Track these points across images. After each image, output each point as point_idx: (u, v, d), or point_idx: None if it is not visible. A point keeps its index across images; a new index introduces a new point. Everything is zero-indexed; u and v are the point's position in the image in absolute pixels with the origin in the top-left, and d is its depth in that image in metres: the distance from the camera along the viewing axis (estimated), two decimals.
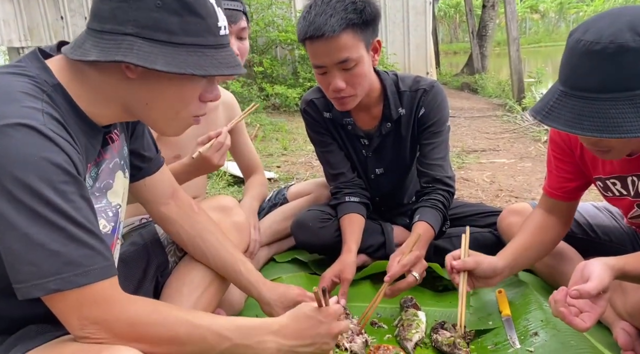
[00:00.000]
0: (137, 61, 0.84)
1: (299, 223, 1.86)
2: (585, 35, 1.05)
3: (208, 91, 0.98)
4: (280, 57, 6.48)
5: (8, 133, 0.78)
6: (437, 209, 1.70)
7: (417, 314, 1.50)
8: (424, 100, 1.76)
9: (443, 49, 20.81)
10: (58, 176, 0.80)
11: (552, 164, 1.50)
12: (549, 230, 1.52)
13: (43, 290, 0.79)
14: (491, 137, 4.89)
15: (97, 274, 0.83)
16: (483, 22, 10.31)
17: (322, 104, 1.85)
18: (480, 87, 8.69)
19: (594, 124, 1.03)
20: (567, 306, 1.10)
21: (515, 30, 6.95)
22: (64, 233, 0.80)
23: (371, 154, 1.87)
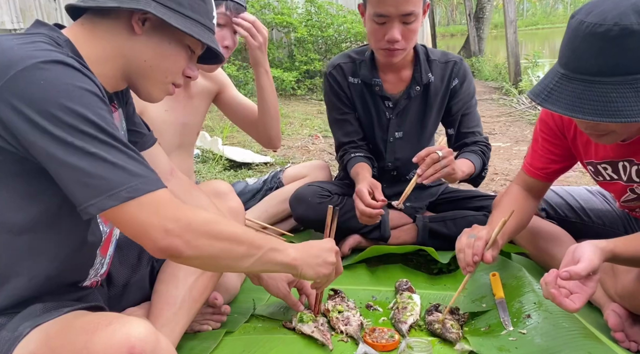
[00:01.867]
0: (157, 13, 0.98)
1: (298, 197, 1.89)
2: (589, 17, 1.03)
3: (190, 67, 1.11)
4: (276, 40, 6.41)
5: (46, 68, 0.84)
6: (478, 154, 1.84)
7: (412, 297, 1.52)
8: (456, 71, 1.87)
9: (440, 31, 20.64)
10: (98, 104, 0.88)
11: (539, 144, 1.50)
12: (526, 208, 1.55)
13: (117, 199, 0.85)
14: (487, 121, 4.89)
15: (157, 182, 0.91)
16: (480, 4, 10.22)
17: (350, 69, 1.91)
18: (477, 70, 8.65)
19: (595, 108, 1.03)
20: (557, 288, 1.12)
21: (513, 13, 6.90)
22: (121, 152, 0.87)
23: (394, 117, 1.91)
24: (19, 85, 0.82)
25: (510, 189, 1.59)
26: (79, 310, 0.99)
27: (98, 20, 1.01)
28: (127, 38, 1.01)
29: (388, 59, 1.73)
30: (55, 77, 0.84)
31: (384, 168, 2.00)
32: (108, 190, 0.85)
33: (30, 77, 0.83)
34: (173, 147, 1.75)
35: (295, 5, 6.38)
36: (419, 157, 1.55)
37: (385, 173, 2.01)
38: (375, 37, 1.69)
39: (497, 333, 1.36)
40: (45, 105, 0.82)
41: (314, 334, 1.36)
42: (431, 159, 1.54)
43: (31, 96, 0.82)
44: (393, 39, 1.65)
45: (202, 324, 1.44)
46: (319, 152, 3.70)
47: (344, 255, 1.89)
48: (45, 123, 0.82)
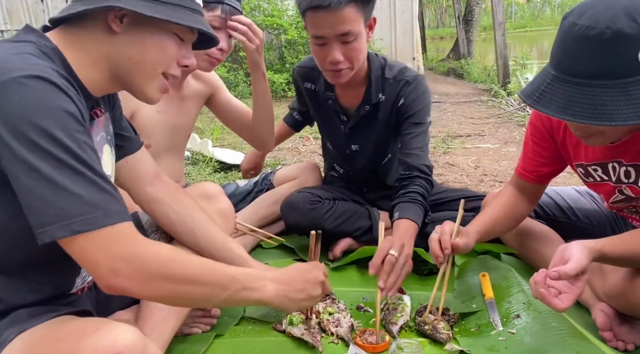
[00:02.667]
0: (126, 5, 0.93)
1: (289, 204, 1.88)
2: (581, 19, 1.03)
3: (185, 56, 1.07)
4: (266, 42, 6.40)
5: (25, 83, 0.81)
6: (416, 203, 1.67)
7: (402, 298, 1.52)
8: (404, 91, 1.79)
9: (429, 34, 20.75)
10: (74, 125, 0.84)
11: (529, 147, 1.52)
12: (517, 208, 1.57)
13: (68, 231, 0.81)
14: (476, 122, 4.92)
15: (119, 216, 0.86)
16: (469, 6, 10.29)
17: (305, 75, 1.92)
18: (466, 72, 8.70)
19: (586, 110, 1.03)
20: (546, 287, 1.12)
21: (501, 15, 6.95)
22: (85, 178, 0.83)
23: (348, 131, 1.91)
24: None
25: (503, 189, 1.62)
26: (65, 315, 0.97)
27: (77, 26, 0.99)
28: (108, 39, 0.99)
29: (335, 80, 1.69)
30: (32, 93, 0.81)
31: (351, 175, 2.05)
32: (61, 220, 0.81)
33: (6, 91, 0.80)
34: (163, 149, 1.74)
35: (285, 7, 6.37)
36: (374, 267, 1.42)
37: (355, 180, 2.06)
38: (319, 58, 1.66)
39: (486, 333, 1.36)
40: (15, 122, 0.80)
41: (304, 337, 1.36)
42: (389, 265, 1.42)
43: (4, 111, 0.80)
44: (334, 61, 1.60)
45: (192, 327, 1.43)
46: (310, 154, 3.70)
47: (335, 258, 1.89)
48: (12, 141, 0.79)
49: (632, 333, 1.32)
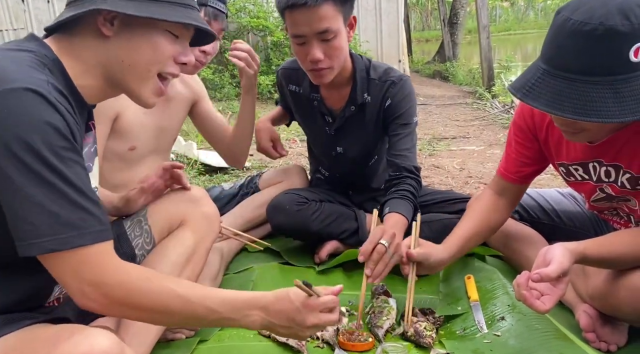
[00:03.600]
0: (109, 7, 0.93)
1: (275, 206, 1.86)
2: (575, 14, 1.03)
3: (182, 53, 1.05)
4: (252, 44, 6.38)
5: (16, 96, 0.82)
6: (407, 199, 1.70)
7: (388, 301, 1.52)
8: (390, 91, 1.79)
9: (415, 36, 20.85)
10: (59, 141, 0.84)
11: (512, 147, 1.52)
12: (497, 214, 1.57)
13: (40, 249, 0.82)
14: (461, 125, 4.95)
15: (93, 236, 0.85)
16: (454, 9, 10.36)
17: (289, 76, 1.90)
18: (451, 75, 8.77)
19: (574, 106, 1.03)
20: (529, 289, 1.13)
21: (486, 18, 7.02)
22: (63, 195, 0.83)
23: (334, 133, 1.90)
24: None
25: (482, 193, 1.61)
26: (41, 323, 0.95)
27: (71, 33, 0.99)
28: (101, 44, 0.98)
29: (317, 80, 1.68)
30: (21, 107, 0.81)
31: (337, 178, 2.04)
32: (35, 237, 0.81)
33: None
34: (149, 151, 1.72)
35: (271, 9, 6.36)
36: (364, 254, 1.42)
37: (341, 182, 2.05)
38: (300, 58, 1.66)
39: (472, 336, 1.37)
40: (1, 134, 0.80)
41: (289, 342, 1.35)
42: (378, 254, 1.42)
43: None
44: (314, 59, 1.59)
45: (175, 332, 1.41)
46: (296, 157, 3.69)
47: (321, 261, 1.88)
48: None
49: (614, 334, 1.33)
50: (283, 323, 1.01)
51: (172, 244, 1.39)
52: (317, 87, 1.82)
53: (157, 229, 1.42)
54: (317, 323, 1.02)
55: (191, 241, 1.41)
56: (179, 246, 1.39)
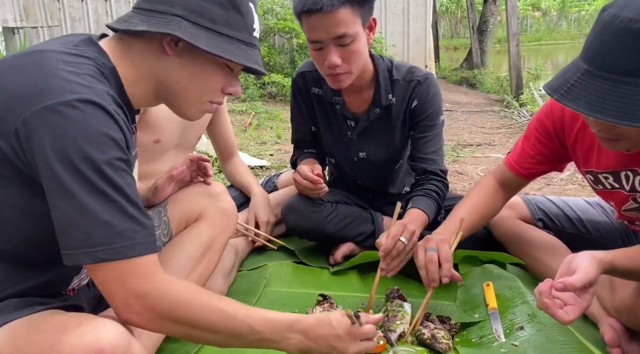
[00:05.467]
0: (183, 36, 0.94)
1: (290, 207, 1.83)
2: (624, 11, 0.95)
3: (231, 84, 1.07)
4: (278, 46, 6.41)
5: (79, 107, 0.83)
6: (431, 197, 1.67)
7: (403, 306, 1.48)
8: (417, 92, 1.73)
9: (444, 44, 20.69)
10: (116, 152, 0.86)
11: (530, 142, 1.47)
12: (494, 204, 1.54)
13: (92, 258, 0.83)
14: (487, 132, 4.87)
15: (144, 248, 0.86)
16: (484, 17, 10.24)
17: (313, 79, 1.82)
18: (479, 82, 8.64)
19: (617, 109, 0.95)
20: (551, 298, 1.08)
21: (516, 26, 6.90)
22: (116, 206, 0.84)
23: (356, 137, 1.84)
24: (47, 116, 0.82)
25: (483, 180, 1.58)
26: (53, 309, 0.95)
27: (131, 39, 0.99)
28: (159, 59, 0.99)
29: (335, 84, 1.63)
30: (83, 118, 0.83)
31: (355, 183, 1.98)
32: (87, 246, 0.82)
33: (60, 112, 0.82)
34: (173, 146, 1.72)
35: None
36: (385, 250, 1.43)
37: (362, 189, 2.00)
38: (317, 63, 1.62)
39: (488, 345, 1.32)
40: (63, 144, 0.81)
41: None
42: (397, 251, 1.44)
43: (53, 130, 0.81)
44: (332, 64, 1.54)
45: None
46: None
47: (336, 262, 1.85)
48: (55, 162, 0.81)
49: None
50: (323, 349, 0.99)
51: (188, 237, 1.39)
52: (339, 90, 1.77)
53: (175, 222, 1.41)
54: (358, 351, 1.01)
55: (207, 236, 1.40)
56: (195, 240, 1.38)
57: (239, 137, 4.12)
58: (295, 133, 2.00)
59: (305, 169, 1.71)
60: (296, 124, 1.97)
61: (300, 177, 1.71)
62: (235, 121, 4.77)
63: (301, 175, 1.71)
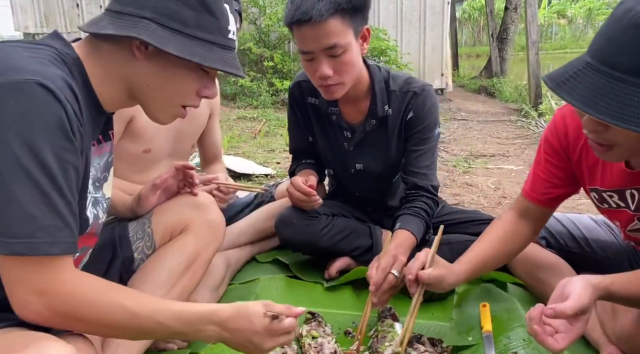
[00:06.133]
0: (150, 40, 0.91)
1: (283, 219, 1.79)
2: (639, 5, 0.88)
3: (207, 86, 1.04)
4: (292, 53, 6.40)
5: (25, 89, 0.80)
6: (419, 217, 1.63)
7: (394, 326, 1.42)
8: (413, 103, 1.69)
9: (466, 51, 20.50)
10: (60, 141, 0.82)
11: (542, 166, 1.39)
12: (517, 237, 1.44)
13: (8, 250, 0.79)
14: (502, 143, 4.76)
15: (63, 247, 0.83)
16: (504, 24, 10.08)
17: (310, 88, 1.78)
18: (498, 91, 8.49)
19: (610, 107, 0.88)
20: (541, 324, 1.02)
21: (535, 34, 6.77)
22: (46, 199, 0.80)
23: (352, 148, 1.80)
24: None
25: (503, 214, 1.50)
26: (14, 327, 0.91)
27: (100, 42, 0.97)
28: (129, 62, 0.97)
29: (328, 95, 1.59)
30: (27, 101, 0.80)
31: (354, 195, 1.93)
32: (6, 236, 0.79)
33: (3, 93, 0.79)
34: (166, 155, 1.68)
35: None
36: (376, 285, 1.40)
37: (360, 200, 1.95)
38: (310, 74, 1.58)
39: None
40: (2, 126, 0.78)
41: None
42: (388, 285, 1.41)
43: None
44: (323, 75, 1.51)
45: (167, 342, 1.37)
46: None
47: (330, 277, 1.79)
48: None
49: None
50: (239, 341, 0.97)
51: (171, 250, 1.35)
52: (335, 100, 1.73)
53: (159, 233, 1.39)
54: (273, 346, 0.99)
55: (192, 248, 1.36)
56: (178, 253, 1.35)
57: (247, 144, 4.10)
58: (293, 142, 1.96)
59: (299, 181, 1.67)
60: (293, 134, 1.94)
61: (294, 189, 1.68)
62: (246, 127, 4.76)
63: (294, 187, 1.67)
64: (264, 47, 6.12)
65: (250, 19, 6.27)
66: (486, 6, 10.29)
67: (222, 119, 5.08)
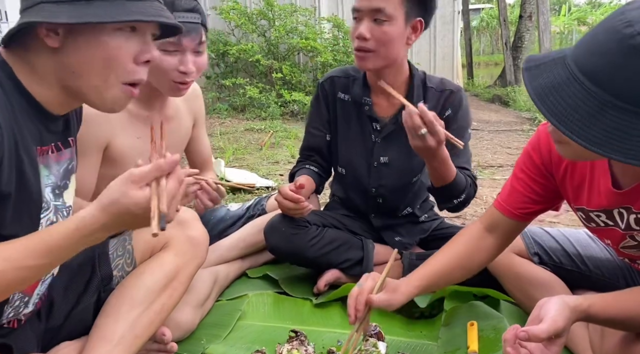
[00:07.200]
0: (38, 18, 0.86)
1: (272, 227, 1.77)
2: (632, 13, 0.83)
3: (143, 50, 0.95)
4: (302, 64, 6.42)
5: None
6: (464, 176, 1.69)
7: (377, 346, 1.38)
8: (451, 101, 1.75)
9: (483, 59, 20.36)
10: None
11: (520, 180, 1.34)
12: (479, 253, 1.38)
13: None
14: (512, 153, 4.68)
15: None
16: (519, 33, 9.98)
17: (342, 84, 1.84)
18: (512, 100, 8.38)
19: (556, 105, 0.86)
20: (516, 347, 0.98)
21: (548, 42, 6.70)
22: None
23: (380, 141, 1.81)
24: None
25: (468, 227, 1.44)
26: None
27: (23, 45, 0.95)
28: (49, 57, 0.94)
29: (360, 62, 1.64)
30: None
31: (367, 194, 1.89)
32: None
33: None
34: None
35: (321, 29, 6.38)
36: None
37: (370, 200, 1.90)
38: (352, 35, 1.64)
39: None
40: None
41: None
42: None
43: None
44: (360, 35, 1.57)
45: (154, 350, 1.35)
46: None
47: (319, 292, 1.77)
48: None
49: None
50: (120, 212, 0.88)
51: (150, 267, 1.33)
52: (369, 91, 1.77)
53: (140, 250, 1.37)
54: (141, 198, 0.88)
55: (171, 266, 1.34)
56: (157, 270, 1.33)
57: (252, 156, 4.10)
58: (308, 139, 1.95)
59: (286, 189, 1.66)
60: (312, 129, 1.93)
61: (281, 198, 1.66)
62: (253, 139, 4.76)
63: (282, 195, 1.66)
64: (272, 59, 6.14)
65: (259, 31, 6.31)
66: (499, 15, 10.20)
67: (229, 131, 5.10)
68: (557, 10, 29.69)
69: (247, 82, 6.00)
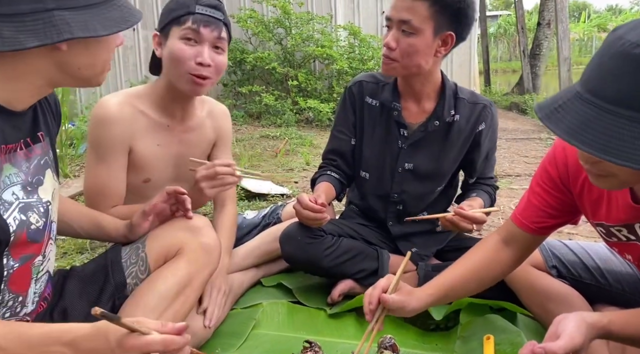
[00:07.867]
0: (83, 34, 0.90)
1: (287, 235, 1.76)
2: (630, 34, 0.85)
3: (116, 39, 1.05)
4: (317, 72, 6.43)
5: None
6: (488, 194, 1.87)
7: None
8: (484, 115, 1.79)
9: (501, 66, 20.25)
10: None
11: (537, 194, 1.32)
12: (495, 266, 1.36)
13: None
14: (530, 162, 4.63)
15: None
16: (537, 40, 9.91)
17: (371, 89, 1.85)
18: (529, 107, 8.31)
19: (596, 139, 0.85)
20: None
21: (567, 50, 6.63)
22: None
23: (407, 147, 1.82)
24: None
25: (485, 239, 1.42)
26: None
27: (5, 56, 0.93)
28: (51, 59, 0.96)
29: (384, 68, 1.67)
30: None
31: (388, 199, 1.88)
32: None
33: None
34: (167, 181, 1.66)
35: (337, 37, 6.39)
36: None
37: (390, 206, 1.90)
38: (384, 42, 1.68)
39: None
40: None
41: None
42: None
43: None
44: (387, 44, 1.61)
45: None
46: None
47: (333, 302, 1.76)
48: None
49: None
50: None
51: (163, 274, 1.34)
52: (399, 97, 1.79)
53: (153, 258, 1.38)
54: None
55: (184, 273, 1.35)
56: (170, 277, 1.34)
57: (267, 163, 4.11)
58: (332, 142, 1.94)
59: (306, 199, 1.64)
60: (337, 133, 1.93)
61: (300, 207, 1.65)
62: (268, 146, 4.78)
63: (302, 205, 1.64)
64: (288, 67, 6.17)
65: (276, 39, 6.35)
66: (517, 22, 10.13)
67: (244, 138, 5.13)
68: (577, 16, 29.34)
69: (263, 90, 6.04)
